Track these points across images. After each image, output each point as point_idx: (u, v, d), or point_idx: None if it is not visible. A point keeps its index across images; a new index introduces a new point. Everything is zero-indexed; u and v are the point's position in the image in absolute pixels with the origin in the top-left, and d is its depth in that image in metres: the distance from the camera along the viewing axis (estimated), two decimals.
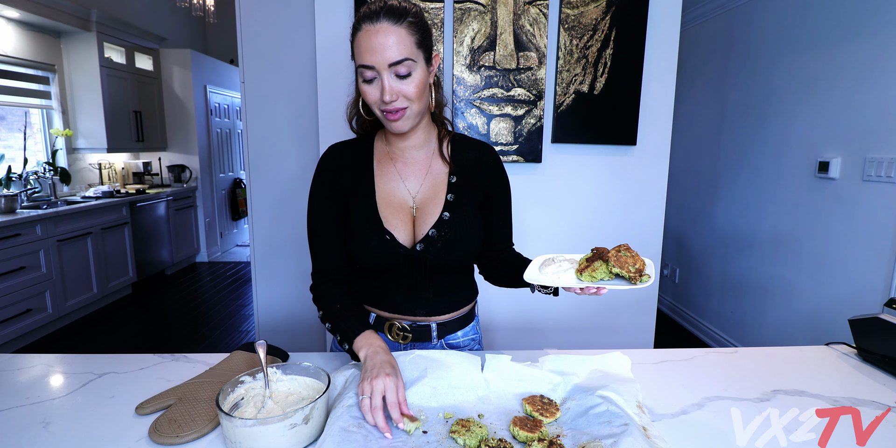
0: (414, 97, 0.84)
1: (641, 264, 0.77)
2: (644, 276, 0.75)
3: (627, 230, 2.00)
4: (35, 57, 3.49)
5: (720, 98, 3.02)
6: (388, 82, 0.81)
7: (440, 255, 0.92)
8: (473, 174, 0.97)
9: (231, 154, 5.57)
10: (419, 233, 0.93)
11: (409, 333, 0.99)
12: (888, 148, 1.91)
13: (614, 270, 0.76)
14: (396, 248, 0.91)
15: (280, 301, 2.26)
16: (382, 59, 0.80)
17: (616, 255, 0.77)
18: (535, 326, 2.04)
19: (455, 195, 0.94)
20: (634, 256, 0.77)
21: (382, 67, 0.81)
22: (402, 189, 0.95)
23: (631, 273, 0.75)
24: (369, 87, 0.84)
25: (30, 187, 3.34)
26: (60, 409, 0.77)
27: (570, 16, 1.82)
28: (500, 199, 1.01)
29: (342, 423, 0.68)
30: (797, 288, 2.37)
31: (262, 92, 2.11)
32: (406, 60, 0.81)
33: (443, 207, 0.93)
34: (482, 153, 0.99)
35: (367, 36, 0.80)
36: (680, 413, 0.79)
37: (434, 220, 0.93)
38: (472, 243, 0.95)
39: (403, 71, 0.82)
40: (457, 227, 0.93)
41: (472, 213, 0.96)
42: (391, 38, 0.79)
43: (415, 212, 0.94)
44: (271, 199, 2.19)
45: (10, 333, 2.76)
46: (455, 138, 1.00)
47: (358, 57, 0.82)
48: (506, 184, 1.02)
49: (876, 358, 0.97)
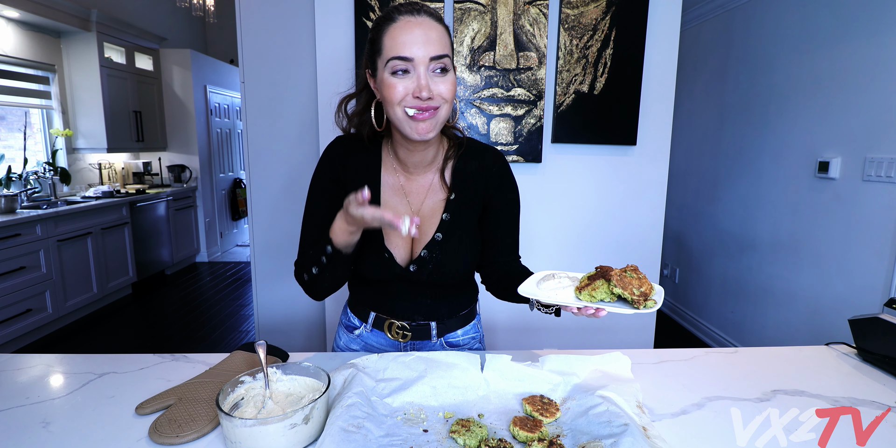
0: (448, 97, 0.80)
1: (648, 288, 0.71)
2: (649, 302, 0.70)
3: (627, 230, 2.00)
4: (35, 57, 3.49)
5: (720, 98, 3.02)
6: (424, 77, 0.77)
7: (432, 276, 0.92)
8: (475, 186, 0.93)
9: (231, 154, 5.57)
10: (415, 252, 0.93)
11: (408, 332, 0.99)
12: (888, 148, 1.91)
13: (616, 291, 0.70)
14: (393, 268, 0.91)
15: (280, 301, 2.26)
16: (425, 51, 0.76)
17: (620, 274, 0.71)
18: (535, 326, 2.04)
19: (451, 214, 0.92)
20: (641, 279, 0.72)
21: (423, 60, 0.76)
22: (405, 205, 0.93)
23: (634, 296, 0.70)
24: (398, 81, 0.77)
25: (30, 187, 3.34)
26: (60, 409, 0.77)
27: (570, 16, 1.82)
28: (503, 208, 0.96)
29: (342, 423, 0.68)
30: (797, 288, 2.37)
31: (262, 92, 2.11)
32: (446, 57, 0.78)
33: (437, 228, 0.91)
34: (487, 162, 0.94)
35: (408, 27, 0.76)
36: (680, 413, 0.79)
37: (427, 239, 0.92)
38: (464, 265, 0.93)
39: (442, 67, 0.78)
40: (448, 249, 0.91)
41: (467, 232, 0.93)
42: (434, 33, 0.77)
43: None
44: (271, 199, 2.19)
45: (10, 333, 2.76)
46: (463, 151, 0.93)
47: (391, 48, 0.77)
48: (510, 192, 0.96)
49: (876, 358, 0.97)
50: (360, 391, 0.76)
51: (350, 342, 1.05)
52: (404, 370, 0.84)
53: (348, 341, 1.06)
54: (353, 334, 1.05)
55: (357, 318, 1.04)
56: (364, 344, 1.04)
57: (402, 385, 0.81)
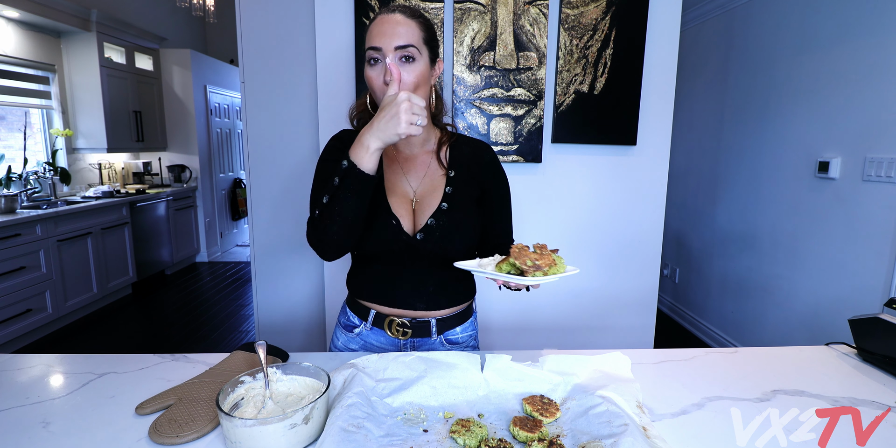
0: (411, 85, 0.88)
1: (546, 263, 0.75)
2: (538, 272, 0.74)
3: (627, 230, 2.00)
4: (35, 57, 3.49)
5: (720, 98, 3.02)
6: (390, 63, 0.86)
7: (439, 245, 0.94)
8: (471, 170, 1.01)
9: (231, 154, 5.57)
10: (419, 223, 0.96)
11: (408, 329, 0.99)
12: (888, 148, 1.91)
13: (511, 261, 0.77)
14: (400, 235, 0.94)
15: (280, 301, 2.26)
16: (390, 41, 0.86)
17: (520, 248, 0.78)
18: (534, 326, 2.04)
19: (453, 188, 0.98)
20: (543, 255, 0.76)
21: (389, 49, 0.86)
22: (404, 182, 0.99)
23: (525, 266, 0.74)
24: (373, 71, 0.89)
25: (30, 187, 3.34)
26: (60, 409, 0.77)
27: (570, 16, 1.82)
28: (497, 195, 1.03)
29: (342, 423, 0.68)
30: (797, 288, 2.37)
31: (262, 92, 2.11)
32: (410, 46, 0.87)
33: (441, 198, 0.97)
34: (479, 150, 1.03)
35: (381, 22, 0.88)
36: (680, 413, 0.79)
37: (433, 210, 0.96)
38: (470, 233, 0.98)
39: (405, 55, 0.87)
40: (455, 217, 0.96)
41: (470, 204, 0.99)
42: (401, 27, 0.87)
43: (414, 205, 0.97)
44: (271, 199, 2.19)
45: (10, 333, 2.76)
46: (454, 141, 1.03)
47: (368, 40, 0.89)
48: (502, 180, 1.05)
49: (876, 358, 0.97)
50: (360, 391, 0.76)
51: (348, 342, 1.06)
52: (404, 370, 0.84)
53: (347, 341, 1.06)
54: (351, 333, 1.05)
55: (357, 316, 1.04)
56: (363, 343, 1.04)
57: (402, 385, 0.81)
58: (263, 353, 0.76)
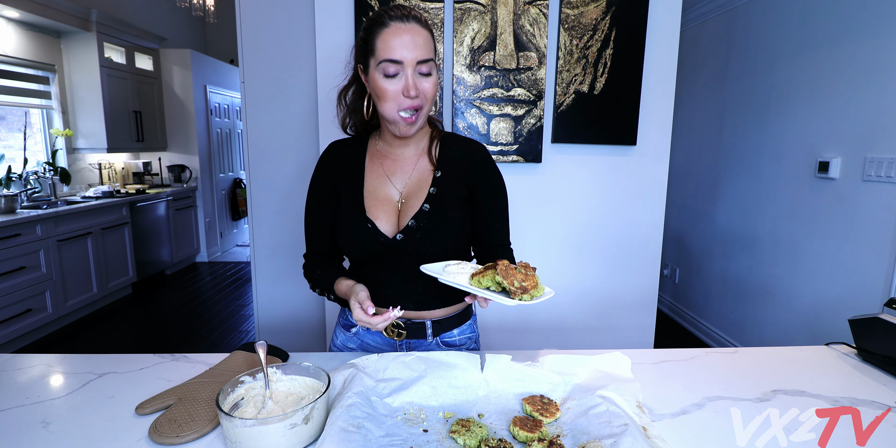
0: (430, 97, 0.90)
1: (532, 284, 0.75)
2: (525, 295, 0.73)
3: (627, 230, 2.00)
4: (35, 57, 3.49)
5: (720, 98, 3.02)
6: (412, 78, 0.86)
7: (419, 246, 0.94)
8: (459, 170, 0.99)
9: (231, 154, 5.57)
10: (402, 224, 0.96)
11: (403, 330, 0.99)
12: (888, 148, 1.91)
13: (497, 279, 0.75)
14: (377, 236, 0.94)
15: (280, 301, 2.26)
16: (413, 55, 0.85)
17: (507, 266, 0.76)
18: (534, 326, 2.04)
19: (438, 188, 0.96)
20: (528, 275, 0.76)
21: (411, 63, 0.85)
22: (388, 185, 0.99)
23: (513, 287, 0.73)
24: (390, 83, 0.87)
25: (30, 187, 3.34)
26: (60, 409, 0.77)
27: (570, 16, 1.82)
28: (488, 194, 1.00)
29: (342, 423, 0.68)
30: (797, 288, 2.37)
31: (262, 92, 2.11)
32: (430, 61, 0.88)
33: (424, 200, 0.96)
34: (470, 150, 1.01)
35: (398, 32, 0.85)
36: (680, 413, 0.79)
37: (415, 211, 0.95)
38: (453, 235, 0.96)
39: (426, 70, 0.87)
40: (435, 219, 0.94)
41: (455, 206, 0.97)
42: (421, 38, 0.86)
43: (400, 206, 0.97)
44: (271, 199, 2.19)
45: (10, 333, 2.76)
46: (445, 138, 1.02)
47: (383, 51, 0.86)
48: (495, 179, 1.02)
49: (876, 358, 0.97)
50: (360, 391, 0.76)
51: (347, 341, 1.06)
52: (404, 370, 0.84)
53: (345, 340, 1.06)
54: (349, 333, 1.06)
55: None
56: (361, 342, 1.05)
57: (402, 385, 0.81)
58: (263, 353, 0.76)
